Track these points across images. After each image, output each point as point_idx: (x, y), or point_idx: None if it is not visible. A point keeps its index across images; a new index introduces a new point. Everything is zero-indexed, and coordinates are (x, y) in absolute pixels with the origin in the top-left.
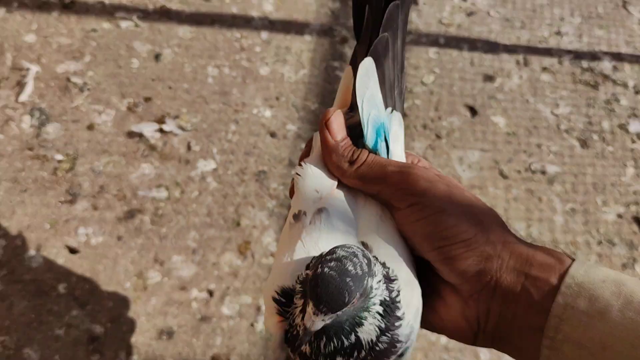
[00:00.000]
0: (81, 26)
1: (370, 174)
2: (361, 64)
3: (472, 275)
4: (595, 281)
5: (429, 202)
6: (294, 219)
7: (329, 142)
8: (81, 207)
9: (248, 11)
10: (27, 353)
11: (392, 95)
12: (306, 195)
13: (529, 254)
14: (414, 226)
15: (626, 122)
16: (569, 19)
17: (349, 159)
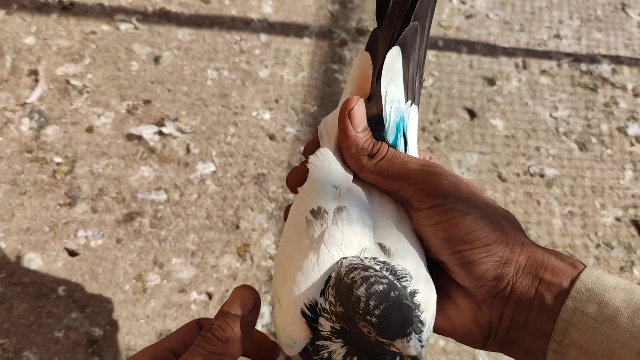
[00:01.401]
0: (80, 28)
1: (391, 169)
2: (389, 53)
3: (489, 280)
4: (605, 287)
5: (452, 205)
6: (312, 215)
7: (350, 132)
8: (80, 210)
9: (247, 13)
10: (26, 356)
11: (412, 87)
12: (325, 190)
13: (544, 258)
14: (434, 228)
15: (625, 125)
16: (568, 21)
17: (369, 152)
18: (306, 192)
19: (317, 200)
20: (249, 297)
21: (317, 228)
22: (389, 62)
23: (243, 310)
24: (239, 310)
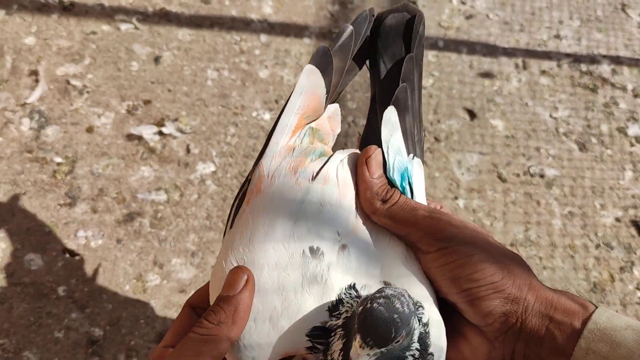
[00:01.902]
0: (81, 29)
1: (401, 215)
2: (386, 112)
3: (498, 317)
4: (617, 328)
5: (457, 248)
6: (310, 252)
7: (366, 178)
8: (80, 210)
9: (247, 14)
10: (26, 356)
11: (412, 142)
12: (325, 233)
13: (554, 298)
14: (442, 269)
15: (625, 126)
16: (568, 22)
17: (382, 198)
18: (304, 230)
19: (317, 240)
20: (239, 277)
21: (314, 265)
22: (386, 120)
23: (234, 291)
24: (230, 292)
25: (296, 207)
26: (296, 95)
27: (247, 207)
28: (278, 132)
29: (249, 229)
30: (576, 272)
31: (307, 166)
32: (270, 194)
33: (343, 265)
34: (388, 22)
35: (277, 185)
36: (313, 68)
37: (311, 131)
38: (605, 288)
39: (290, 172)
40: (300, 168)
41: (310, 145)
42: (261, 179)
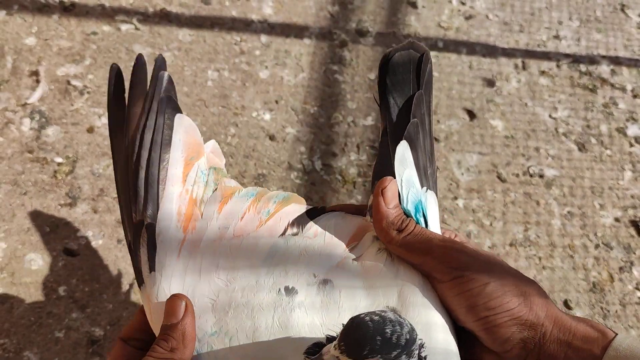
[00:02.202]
0: (81, 29)
1: (416, 244)
2: (398, 148)
3: (516, 343)
4: (638, 354)
5: (472, 276)
6: (286, 292)
7: (382, 208)
8: (81, 210)
9: (248, 14)
10: (27, 356)
11: (425, 175)
12: (301, 273)
13: (572, 325)
14: (457, 298)
15: (624, 126)
16: (568, 22)
17: (398, 227)
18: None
19: (295, 281)
20: (178, 306)
21: (290, 301)
22: (400, 154)
23: (176, 318)
24: (174, 319)
25: (271, 252)
26: (175, 146)
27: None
28: (169, 181)
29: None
30: (575, 272)
31: (270, 207)
32: (216, 233)
33: (325, 299)
34: (396, 59)
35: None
36: (182, 115)
37: (214, 171)
38: (605, 288)
39: (253, 213)
40: (263, 209)
41: (216, 182)
42: (193, 217)
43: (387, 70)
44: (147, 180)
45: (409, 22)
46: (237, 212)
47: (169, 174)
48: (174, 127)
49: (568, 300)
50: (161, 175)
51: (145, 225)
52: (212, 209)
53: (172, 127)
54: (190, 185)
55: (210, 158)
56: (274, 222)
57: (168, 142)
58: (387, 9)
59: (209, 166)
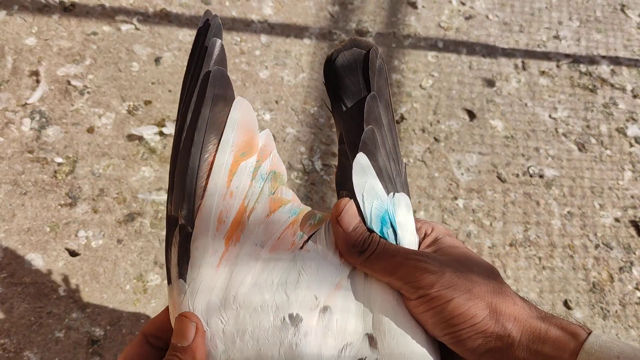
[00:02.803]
0: (81, 29)
1: (379, 264)
2: (355, 162)
3: (484, 354)
4: (610, 357)
5: (435, 294)
6: (289, 320)
7: (340, 234)
8: (81, 210)
9: (247, 15)
10: (27, 356)
11: (390, 180)
12: (304, 299)
13: (542, 330)
14: (424, 315)
15: (624, 126)
16: (568, 22)
17: (360, 249)
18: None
19: (297, 307)
20: (188, 326)
21: (296, 332)
22: (358, 169)
23: (187, 341)
24: (184, 342)
25: (286, 272)
26: (229, 131)
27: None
28: (213, 178)
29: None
30: (575, 272)
31: (305, 230)
32: (253, 250)
33: (323, 328)
34: (339, 62)
35: (270, 242)
36: (241, 99)
37: (274, 175)
38: (605, 288)
39: (289, 234)
40: (299, 231)
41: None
42: (242, 226)
43: (333, 74)
44: (183, 170)
45: (409, 22)
46: (277, 230)
47: (214, 167)
48: (231, 109)
49: (568, 301)
50: (202, 167)
51: (179, 226)
52: (258, 221)
53: (227, 107)
54: (236, 188)
55: (275, 160)
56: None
57: (218, 125)
58: (387, 9)
59: (270, 169)
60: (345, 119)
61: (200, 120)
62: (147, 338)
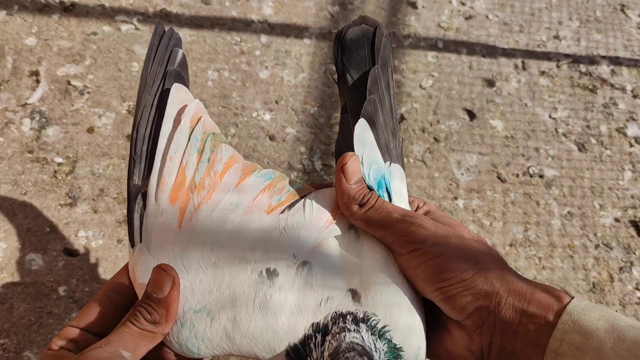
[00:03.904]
0: (81, 29)
1: (376, 218)
2: (356, 126)
3: (471, 312)
4: (590, 319)
5: (428, 249)
6: (266, 274)
7: (343, 184)
8: (81, 210)
9: (248, 15)
10: (27, 356)
11: (388, 150)
12: (282, 256)
13: (528, 292)
14: (415, 270)
15: (624, 126)
16: (567, 23)
17: (359, 202)
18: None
19: (274, 263)
20: (165, 279)
21: (271, 285)
22: (359, 132)
23: (162, 293)
24: (160, 294)
25: (267, 231)
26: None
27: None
28: (158, 150)
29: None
30: (575, 272)
31: (282, 195)
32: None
33: (302, 281)
34: (349, 36)
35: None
36: (179, 85)
37: (213, 136)
38: (605, 288)
39: (265, 196)
40: (276, 195)
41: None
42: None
43: (342, 47)
44: (140, 148)
45: (409, 22)
46: (252, 192)
47: (158, 143)
48: (170, 93)
49: None
50: (156, 144)
51: (142, 193)
52: (230, 183)
53: (168, 94)
54: (174, 152)
55: (207, 122)
56: (280, 209)
57: (163, 110)
58: (387, 9)
59: (203, 131)
60: (350, 88)
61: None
62: (108, 295)
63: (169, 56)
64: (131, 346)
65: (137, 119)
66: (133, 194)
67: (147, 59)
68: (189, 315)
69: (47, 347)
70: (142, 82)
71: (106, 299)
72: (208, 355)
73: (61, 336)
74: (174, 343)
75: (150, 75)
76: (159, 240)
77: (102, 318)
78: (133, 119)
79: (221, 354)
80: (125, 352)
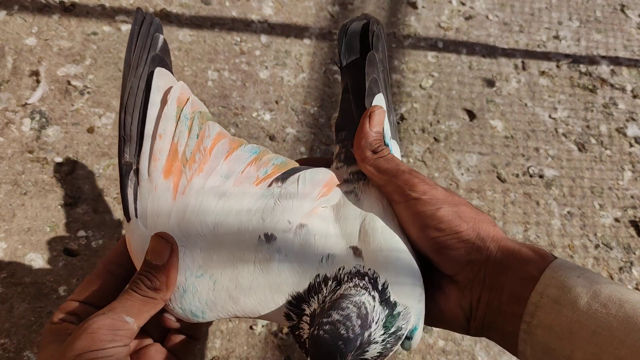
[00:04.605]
0: (81, 29)
1: (385, 166)
2: (376, 96)
3: (464, 265)
4: (570, 276)
5: (427, 199)
6: (265, 238)
7: (365, 128)
8: (81, 210)
9: (248, 15)
10: (27, 356)
11: (393, 127)
12: (278, 222)
13: (515, 248)
14: (412, 218)
15: (624, 126)
16: (567, 23)
17: (374, 149)
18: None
19: (271, 228)
20: (164, 246)
21: (270, 248)
22: (378, 102)
23: (161, 260)
24: (159, 261)
25: (255, 202)
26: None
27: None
28: (146, 129)
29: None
30: None
31: (268, 168)
32: (218, 180)
33: (301, 242)
34: (351, 29)
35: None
36: (161, 69)
37: (200, 114)
38: None
39: (252, 169)
40: (262, 168)
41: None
42: (182, 161)
43: (345, 37)
44: (129, 126)
45: (409, 22)
46: (240, 165)
47: (147, 122)
48: (154, 76)
49: None
50: (144, 123)
51: (133, 170)
52: (219, 157)
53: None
54: (162, 130)
55: (195, 102)
56: (267, 181)
57: (148, 92)
58: (387, 9)
59: (192, 110)
60: (351, 70)
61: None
62: (107, 267)
63: (151, 42)
64: (134, 312)
65: (123, 101)
66: (125, 170)
67: (130, 44)
68: (191, 281)
69: (50, 321)
70: (126, 67)
71: (105, 271)
72: (212, 318)
73: (62, 310)
74: (177, 309)
75: (134, 59)
76: (154, 213)
77: (102, 290)
78: (120, 101)
79: (225, 317)
80: (128, 317)
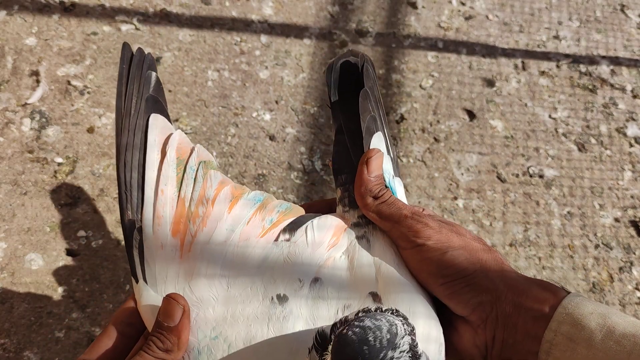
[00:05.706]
0: (81, 29)
1: (387, 212)
2: (373, 137)
3: (475, 307)
4: (584, 313)
5: (432, 245)
6: (278, 300)
7: (364, 175)
8: (81, 210)
9: (248, 15)
10: (27, 356)
11: (395, 164)
12: (289, 281)
13: (525, 286)
14: (419, 265)
15: (624, 126)
16: (567, 23)
17: (375, 195)
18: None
19: (282, 289)
20: (175, 308)
21: (283, 309)
22: (376, 143)
23: (173, 321)
24: (171, 322)
25: (263, 259)
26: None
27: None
28: (147, 184)
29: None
30: (575, 272)
31: (274, 216)
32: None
33: (315, 297)
34: (338, 67)
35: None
36: (156, 115)
37: (204, 165)
38: (605, 288)
39: (257, 219)
40: (267, 217)
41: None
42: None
43: (333, 76)
44: (129, 182)
45: (408, 23)
46: (245, 215)
47: (146, 177)
48: (149, 127)
49: None
50: (144, 178)
51: (137, 228)
52: (223, 209)
53: (146, 128)
54: (164, 185)
55: (200, 152)
56: (274, 231)
57: (144, 144)
58: (387, 9)
59: (198, 161)
60: (344, 110)
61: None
62: (117, 327)
63: (144, 82)
64: None
65: (120, 157)
66: (129, 229)
67: (119, 86)
68: (205, 343)
69: None
70: (118, 113)
71: (116, 331)
72: None
73: None
74: None
75: (126, 103)
76: (163, 274)
77: (113, 351)
78: (115, 151)
79: None
80: None
